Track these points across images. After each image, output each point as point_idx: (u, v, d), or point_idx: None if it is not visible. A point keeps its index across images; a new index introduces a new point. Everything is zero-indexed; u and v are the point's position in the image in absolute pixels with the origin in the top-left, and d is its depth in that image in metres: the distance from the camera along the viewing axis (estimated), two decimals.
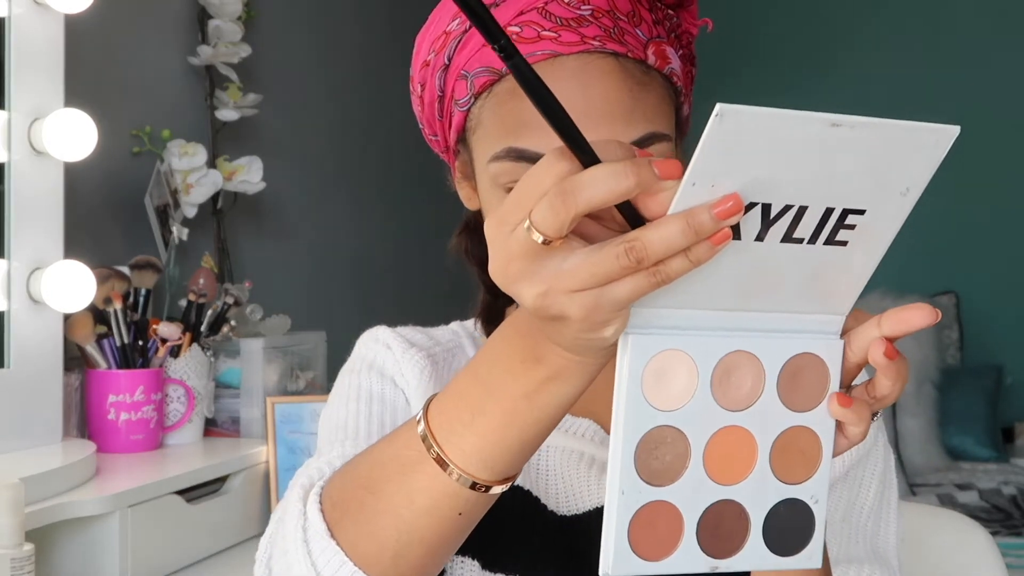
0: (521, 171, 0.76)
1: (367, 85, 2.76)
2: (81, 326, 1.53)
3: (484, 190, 0.81)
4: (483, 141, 0.80)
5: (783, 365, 0.60)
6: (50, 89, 1.43)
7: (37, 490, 1.22)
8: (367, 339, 0.92)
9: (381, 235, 2.84)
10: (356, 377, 0.90)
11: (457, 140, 0.84)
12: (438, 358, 0.91)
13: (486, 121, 0.79)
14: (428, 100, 0.85)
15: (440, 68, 0.82)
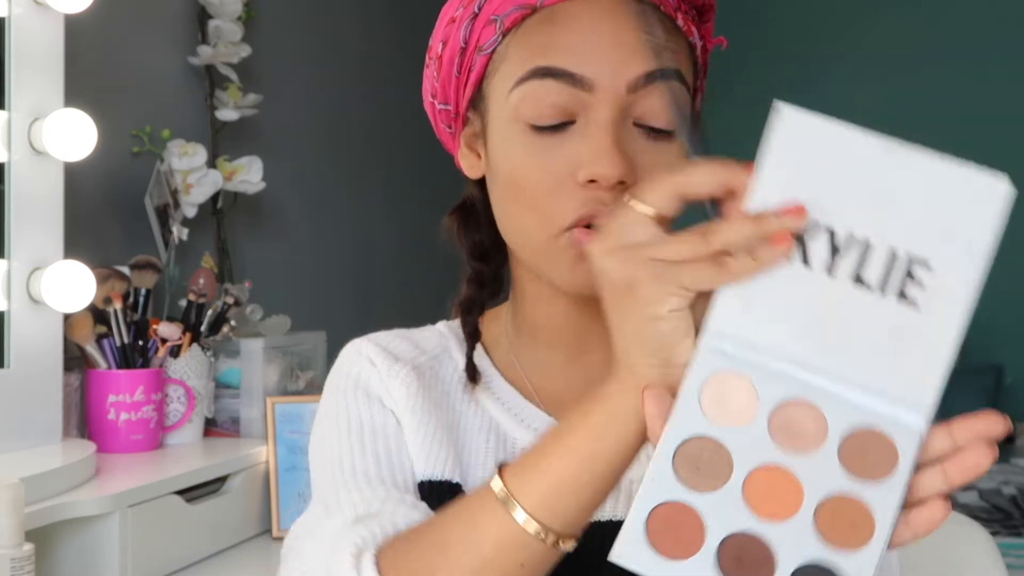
0: (546, 90, 0.78)
1: (367, 85, 2.76)
2: (81, 326, 1.53)
3: (499, 130, 0.82)
4: (506, 75, 0.81)
5: (850, 432, 0.59)
6: (50, 89, 1.43)
7: (37, 490, 1.22)
8: (351, 352, 0.91)
9: (381, 235, 2.85)
10: (343, 399, 0.88)
11: (470, 101, 0.85)
12: (423, 368, 0.89)
13: (512, 54, 0.81)
14: (448, 57, 0.85)
15: (468, 19, 0.84)
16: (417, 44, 3.32)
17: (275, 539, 1.61)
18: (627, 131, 0.78)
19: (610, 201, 0.76)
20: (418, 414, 0.85)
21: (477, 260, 0.91)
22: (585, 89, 0.77)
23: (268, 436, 1.66)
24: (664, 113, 0.78)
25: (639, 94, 0.78)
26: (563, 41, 0.78)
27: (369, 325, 0.96)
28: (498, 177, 0.83)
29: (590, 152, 0.77)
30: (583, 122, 0.78)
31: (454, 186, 0.94)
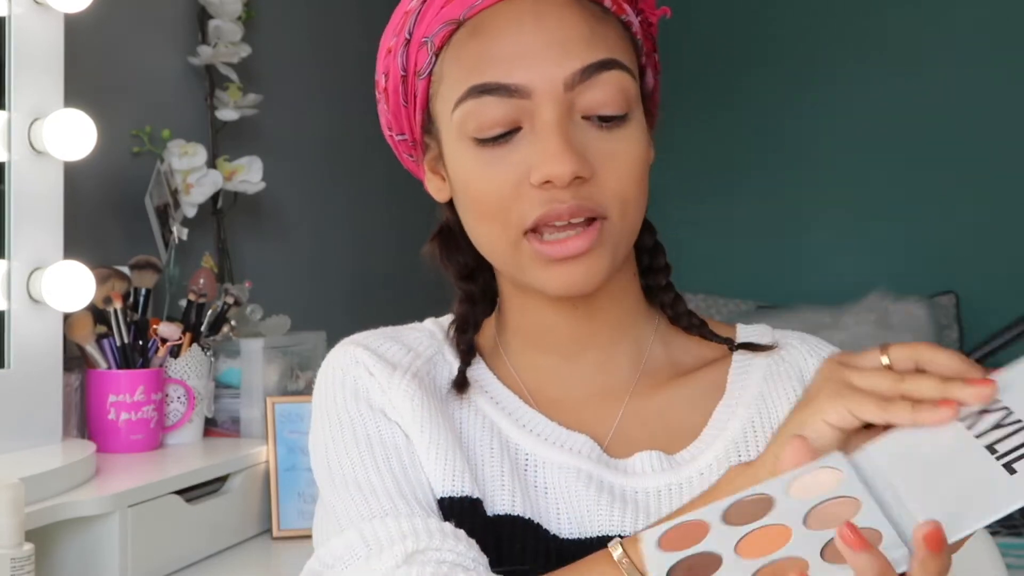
0: (484, 107, 0.78)
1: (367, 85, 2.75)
2: (81, 326, 1.53)
3: (451, 150, 0.82)
4: (446, 95, 0.81)
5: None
6: (50, 89, 1.43)
7: (37, 490, 1.22)
8: (343, 360, 0.88)
9: (381, 235, 2.84)
10: (345, 411, 0.85)
11: (422, 126, 0.85)
12: (421, 374, 0.87)
13: (448, 73, 0.81)
14: (392, 87, 0.86)
15: (402, 45, 0.84)
16: None
17: (275, 539, 1.61)
18: (575, 125, 0.78)
19: (568, 198, 0.77)
20: (427, 428, 0.83)
21: (464, 280, 0.92)
22: (523, 97, 0.77)
23: (268, 436, 1.66)
24: (611, 101, 0.78)
25: (578, 89, 0.77)
26: (491, 53, 0.78)
27: (369, 325, 0.95)
28: (459, 195, 0.83)
29: (540, 154, 0.77)
30: (528, 127, 0.78)
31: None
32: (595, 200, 0.78)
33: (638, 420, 0.87)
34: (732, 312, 3.76)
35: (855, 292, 3.57)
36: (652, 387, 0.88)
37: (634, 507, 0.82)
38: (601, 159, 0.78)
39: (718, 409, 0.87)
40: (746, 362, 0.90)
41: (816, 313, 3.53)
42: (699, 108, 3.81)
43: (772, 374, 0.89)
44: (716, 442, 0.85)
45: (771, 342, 0.91)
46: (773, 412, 0.87)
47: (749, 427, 0.86)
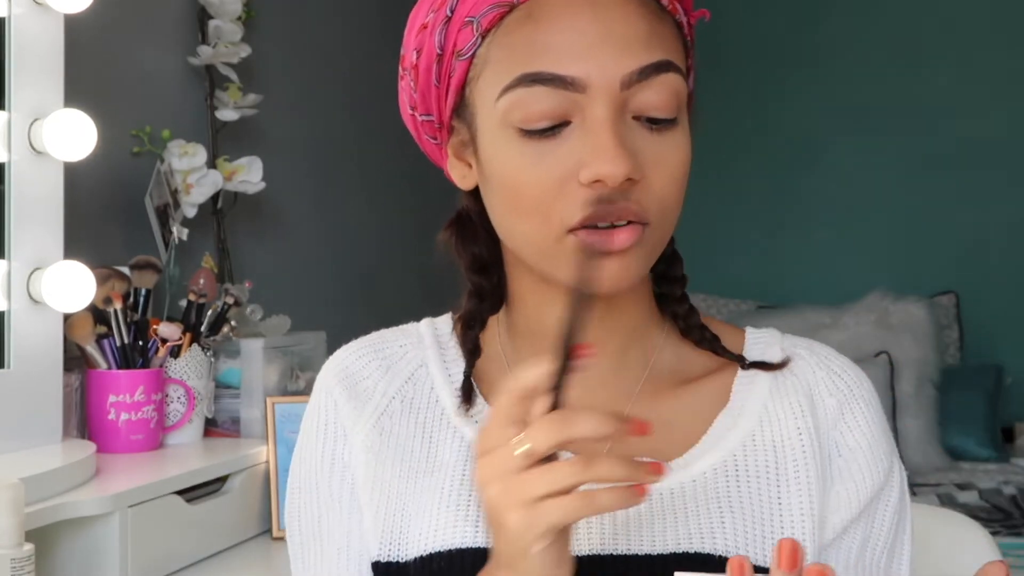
0: (535, 97, 0.74)
1: (367, 85, 2.76)
2: (81, 326, 1.53)
3: (490, 138, 0.78)
4: (490, 81, 0.77)
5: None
6: (50, 89, 1.43)
7: (37, 490, 1.22)
8: (322, 398, 0.88)
9: (381, 235, 2.84)
10: (315, 460, 0.87)
11: (453, 109, 0.82)
12: (393, 408, 0.86)
13: (495, 57, 0.77)
14: (425, 65, 0.81)
15: (441, 23, 0.80)
16: None
17: (275, 539, 1.61)
18: (626, 125, 0.75)
19: (617, 199, 0.74)
20: (376, 490, 0.83)
21: (477, 273, 0.88)
22: (577, 90, 0.74)
23: (268, 436, 1.66)
24: (664, 105, 0.75)
25: (633, 89, 0.75)
26: (547, 40, 0.75)
27: (369, 325, 0.95)
28: (494, 185, 0.79)
29: (591, 151, 0.74)
30: (579, 121, 0.75)
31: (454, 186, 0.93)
32: (641, 204, 0.75)
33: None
34: (732, 312, 3.76)
35: (855, 292, 3.57)
36: (655, 394, 0.86)
37: (624, 518, 0.80)
38: (649, 162, 0.75)
39: (719, 419, 0.85)
40: (752, 372, 0.88)
41: (816, 313, 3.53)
42: (699, 108, 3.81)
43: (778, 387, 0.86)
44: (713, 451, 0.83)
45: (781, 354, 0.88)
46: (776, 427, 0.84)
47: (749, 440, 0.83)
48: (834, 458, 0.84)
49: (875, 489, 0.84)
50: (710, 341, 0.87)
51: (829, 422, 0.85)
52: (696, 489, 0.81)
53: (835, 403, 0.86)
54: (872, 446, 0.86)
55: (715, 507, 0.80)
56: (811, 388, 0.86)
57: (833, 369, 0.88)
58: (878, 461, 0.85)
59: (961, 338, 3.72)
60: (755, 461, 0.82)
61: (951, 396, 3.42)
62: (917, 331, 3.45)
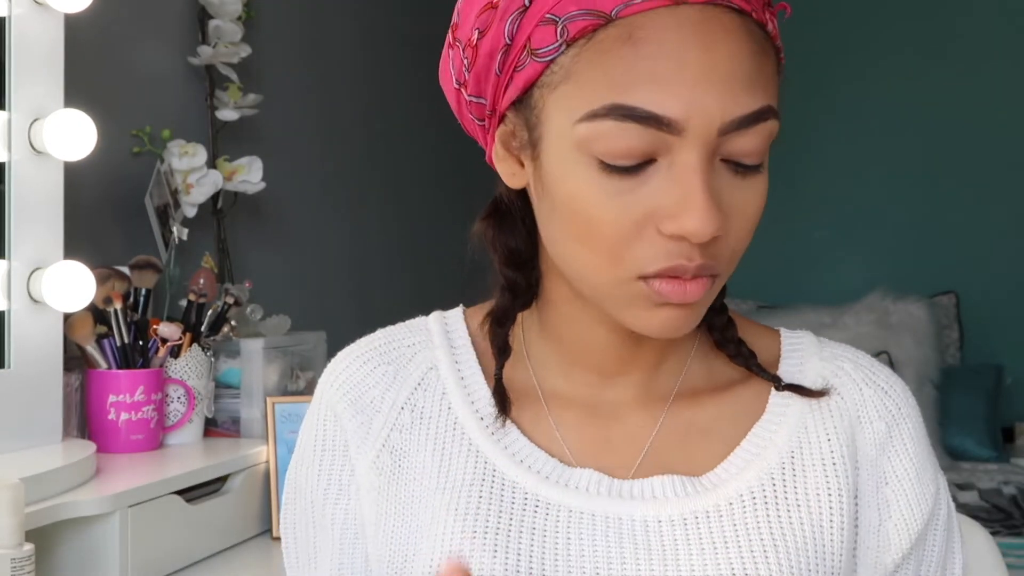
0: (624, 133, 0.67)
1: (367, 85, 2.76)
2: (81, 326, 1.53)
3: (560, 157, 0.71)
4: (571, 97, 0.69)
5: None
6: (50, 89, 1.43)
7: (37, 490, 1.22)
8: (323, 411, 0.85)
9: (381, 235, 2.85)
10: (315, 482, 0.84)
11: (513, 102, 0.74)
12: (403, 420, 0.82)
13: (580, 73, 0.68)
14: (487, 50, 0.73)
15: (516, 10, 0.71)
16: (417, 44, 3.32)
17: (275, 539, 1.61)
18: (714, 171, 0.69)
19: (697, 256, 0.69)
20: (383, 514, 0.80)
21: (512, 269, 0.81)
22: (672, 132, 0.67)
23: (268, 436, 1.66)
24: (756, 151, 0.69)
25: (730, 135, 0.68)
26: (646, 71, 0.66)
27: (369, 325, 0.95)
28: (558, 207, 0.72)
29: (678, 202, 0.67)
30: (666, 163, 0.68)
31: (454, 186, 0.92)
32: (717, 259, 0.70)
33: (672, 442, 0.80)
34: None
35: (855, 292, 3.57)
36: (690, 402, 0.82)
37: (659, 546, 0.76)
38: (731, 210, 0.70)
39: (754, 431, 0.80)
40: (796, 367, 0.84)
41: (816, 313, 3.53)
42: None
43: (819, 404, 0.82)
44: (749, 469, 0.78)
45: (820, 366, 0.83)
46: (816, 449, 0.80)
47: (788, 459, 0.79)
48: (881, 487, 0.81)
49: (925, 520, 0.82)
50: (745, 357, 0.83)
51: (877, 447, 0.81)
52: (734, 511, 0.77)
53: (884, 427, 0.82)
54: (920, 473, 0.82)
55: (755, 533, 0.76)
56: (858, 410, 0.82)
57: (881, 386, 0.83)
58: (925, 488, 0.82)
59: (961, 338, 3.72)
60: (794, 487, 0.78)
61: (951, 396, 3.42)
62: (917, 331, 3.45)
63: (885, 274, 3.67)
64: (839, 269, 3.86)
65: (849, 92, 3.87)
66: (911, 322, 3.47)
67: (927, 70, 3.82)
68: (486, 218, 0.83)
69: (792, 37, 3.47)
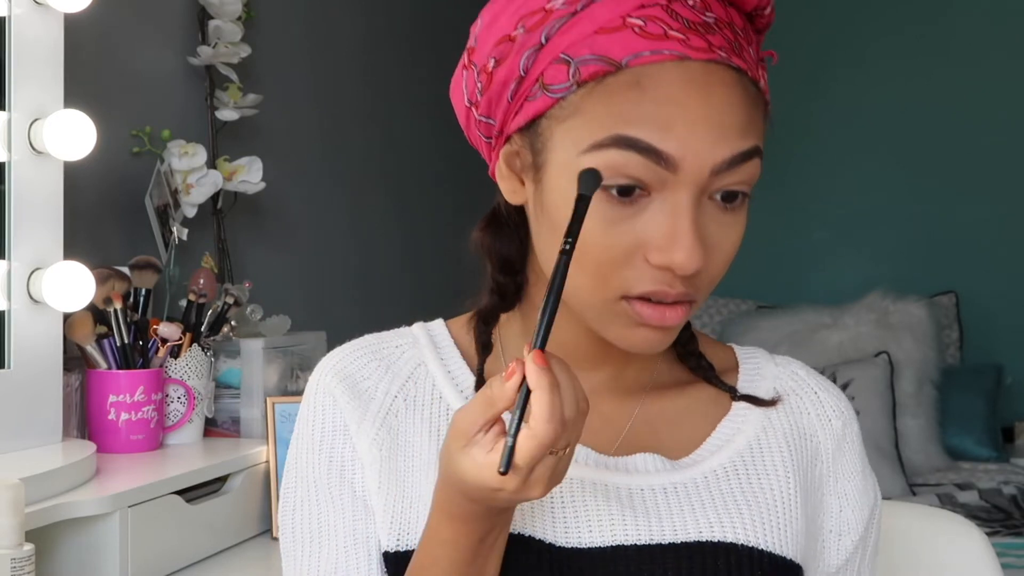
0: (625, 160, 0.73)
1: (367, 85, 2.77)
2: (81, 326, 1.53)
3: (564, 186, 0.76)
4: (578, 130, 0.75)
5: None
6: (50, 89, 1.43)
7: (37, 490, 1.22)
8: (319, 391, 0.89)
9: (381, 235, 2.85)
10: (313, 469, 0.87)
11: (521, 128, 0.79)
12: (397, 407, 0.87)
13: (589, 110, 0.75)
14: (501, 79, 0.79)
15: (532, 47, 0.77)
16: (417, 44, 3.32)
17: (275, 539, 1.61)
18: (702, 207, 0.76)
19: (679, 286, 0.75)
20: (385, 487, 0.84)
21: (504, 274, 0.88)
22: (668, 168, 0.73)
23: (268, 436, 1.66)
24: (741, 185, 0.76)
25: (720, 175, 0.75)
26: (651, 111, 0.73)
27: (369, 325, 0.95)
28: (554, 228, 0.78)
29: (667, 236, 0.74)
30: (660, 199, 0.75)
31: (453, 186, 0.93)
32: (697, 287, 0.77)
33: (646, 429, 0.88)
34: (732, 312, 3.76)
35: (855, 292, 3.57)
36: (660, 396, 0.90)
37: (643, 509, 0.82)
38: (714, 242, 0.77)
39: (723, 424, 0.89)
40: (754, 371, 0.92)
41: (816, 313, 3.53)
42: None
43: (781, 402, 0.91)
44: (721, 452, 0.87)
45: (775, 382, 0.92)
46: (777, 436, 0.89)
47: (755, 442, 0.88)
48: (839, 480, 0.90)
49: (871, 505, 0.91)
50: (704, 370, 0.91)
51: (835, 443, 0.90)
52: (709, 483, 0.84)
53: (840, 425, 0.91)
54: (864, 468, 0.92)
55: (731, 500, 0.84)
56: (816, 409, 0.91)
57: (830, 391, 0.93)
58: (868, 479, 0.92)
59: (961, 338, 3.72)
60: (762, 460, 0.87)
61: (951, 396, 3.42)
62: (917, 331, 3.45)
63: (885, 274, 3.67)
64: (839, 269, 3.87)
65: (849, 92, 3.87)
66: (911, 322, 3.46)
67: (927, 70, 3.82)
68: (484, 228, 0.89)
69: (793, 37, 3.49)
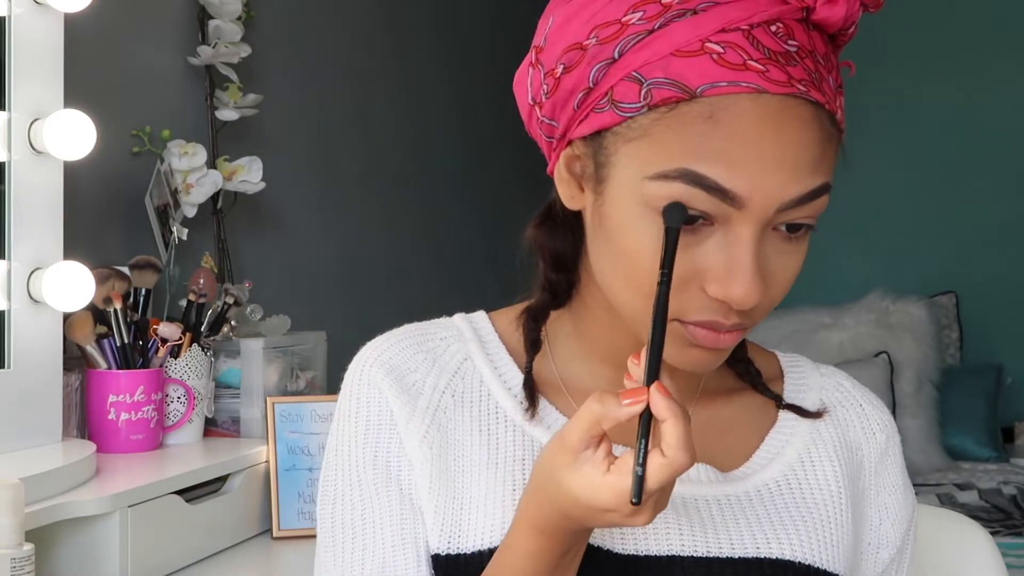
0: (691, 195, 0.71)
1: (367, 85, 2.76)
2: (81, 326, 1.53)
3: (626, 207, 0.75)
4: (645, 153, 0.73)
5: None
6: (50, 89, 1.43)
7: (37, 490, 1.22)
8: (362, 388, 0.86)
9: (381, 235, 2.85)
10: (358, 466, 0.85)
11: (585, 136, 0.77)
12: (445, 402, 0.85)
13: (658, 135, 0.72)
14: (568, 87, 0.77)
15: (604, 60, 0.74)
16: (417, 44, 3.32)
17: (275, 539, 1.61)
18: (766, 239, 0.74)
19: (735, 318, 0.74)
20: (436, 487, 0.83)
21: (556, 272, 0.87)
22: (734, 205, 0.72)
23: (268, 436, 1.66)
24: (808, 219, 0.75)
25: (788, 212, 0.73)
26: (722, 147, 0.71)
27: (369, 325, 0.95)
28: (613, 248, 0.77)
29: (727, 270, 0.72)
30: (723, 230, 0.73)
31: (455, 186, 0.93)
32: (752, 318, 0.76)
33: (697, 432, 0.83)
34: None
35: (855, 292, 3.57)
36: (709, 405, 0.88)
37: (699, 520, 0.81)
38: (774, 271, 0.75)
39: (772, 435, 0.88)
40: (800, 381, 0.92)
41: (816, 313, 3.53)
42: None
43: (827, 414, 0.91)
44: (771, 465, 0.86)
45: (821, 392, 0.91)
46: (826, 449, 0.88)
47: (805, 455, 0.87)
48: (880, 492, 0.90)
49: (909, 520, 0.91)
50: (752, 376, 0.90)
51: (878, 456, 0.90)
52: (763, 497, 0.84)
53: (884, 439, 0.91)
54: (905, 482, 0.92)
55: (786, 515, 0.83)
56: (861, 422, 0.91)
57: (875, 404, 0.93)
58: (908, 493, 0.92)
59: (961, 338, 3.72)
60: (813, 471, 0.86)
61: (951, 396, 3.42)
62: (917, 331, 3.45)
63: (885, 274, 3.67)
64: (839, 269, 3.87)
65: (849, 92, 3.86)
66: (911, 322, 3.47)
67: (928, 70, 3.82)
68: (539, 224, 0.87)
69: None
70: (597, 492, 0.67)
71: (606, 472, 0.67)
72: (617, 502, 0.66)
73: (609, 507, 0.67)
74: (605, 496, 0.67)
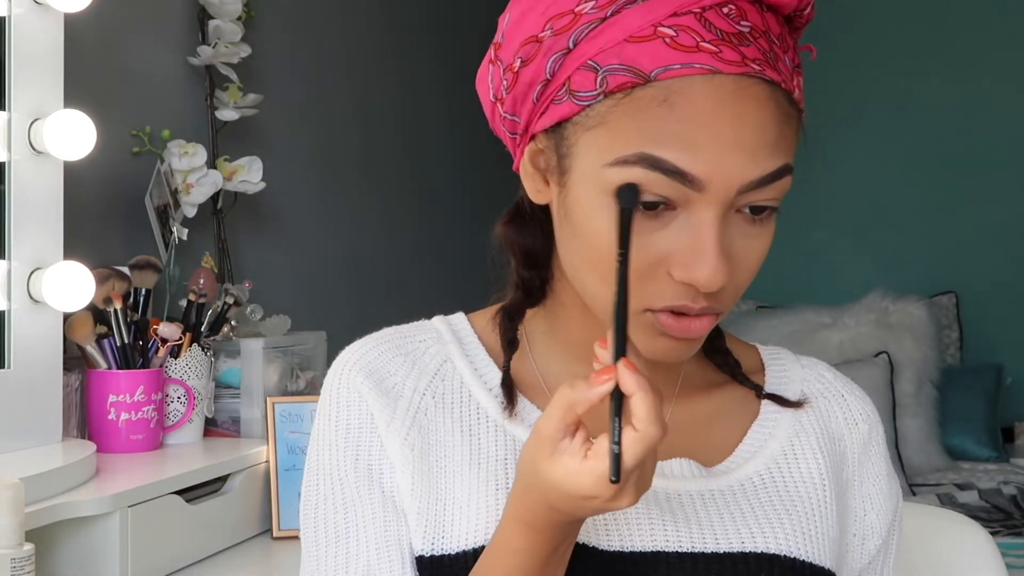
0: (650, 179, 0.71)
1: (366, 85, 2.76)
2: (81, 326, 1.53)
3: (587, 195, 0.75)
4: (603, 140, 0.73)
5: None
6: (50, 89, 1.43)
7: (37, 490, 1.22)
8: (342, 392, 0.86)
9: (381, 235, 2.85)
10: (338, 468, 0.84)
11: (546, 128, 0.78)
12: (425, 404, 0.85)
13: (615, 122, 0.73)
14: (527, 80, 0.77)
15: (559, 51, 0.74)
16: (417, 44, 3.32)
17: (275, 539, 1.61)
18: (729, 222, 0.74)
19: (702, 301, 0.74)
20: (418, 489, 0.82)
21: (528, 269, 0.86)
22: (694, 188, 0.71)
23: (268, 436, 1.66)
24: (770, 201, 0.75)
25: (749, 193, 0.73)
26: (679, 130, 0.71)
27: (369, 325, 0.95)
28: (578, 236, 0.77)
29: (691, 252, 0.72)
30: (685, 214, 0.73)
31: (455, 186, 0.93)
32: (722, 301, 0.76)
33: (677, 433, 0.85)
34: (732, 312, 3.75)
35: (855, 292, 3.57)
36: (690, 399, 0.88)
37: (683, 515, 0.81)
38: (739, 254, 0.75)
39: (754, 428, 0.88)
40: (781, 373, 0.91)
41: (816, 313, 3.53)
42: None
43: (809, 405, 0.90)
44: (754, 459, 0.86)
45: (802, 383, 0.91)
46: (809, 440, 0.88)
47: (788, 447, 0.87)
48: (864, 483, 0.90)
49: (894, 509, 0.91)
50: (731, 367, 0.90)
51: (861, 447, 0.90)
52: (747, 491, 0.84)
53: (867, 429, 0.90)
54: (889, 472, 0.91)
55: (771, 509, 0.83)
56: (843, 412, 0.91)
57: (857, 394, 0.92)
58: (893, 483, 0.91)
59: (961, 338, 3.72)
60: (796, 462, 0.86)
61: (951, 396, 3.42)
62: (917, 331, 3.45)
63: (885, 274, 3.67)
64: (839, 269, 3.87)
65: (849, 92, 3.87)
66: (911, 322, 3.46)
67: (928, 71, 3.82)
68: (508, 222, 0.87)
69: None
70: (578, 479, 0.67)
71: (584, 459, 0.67)
72: (599, 487, 0.66)
73: (591, 493, 0.67)
74: (587, 482, 0.66)
